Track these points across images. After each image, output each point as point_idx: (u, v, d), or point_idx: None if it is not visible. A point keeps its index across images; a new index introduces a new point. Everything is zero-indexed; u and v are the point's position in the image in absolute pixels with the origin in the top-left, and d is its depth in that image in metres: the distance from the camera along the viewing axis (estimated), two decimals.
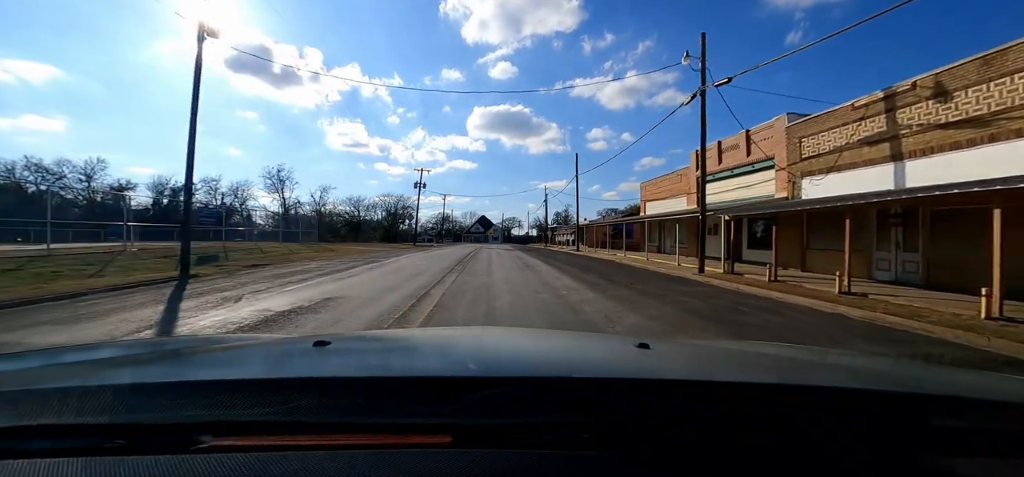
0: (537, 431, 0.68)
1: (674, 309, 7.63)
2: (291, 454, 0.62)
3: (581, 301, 8.35)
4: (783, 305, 8.35)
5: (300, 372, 0.97)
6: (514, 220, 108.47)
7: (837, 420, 0.75)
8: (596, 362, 1.23)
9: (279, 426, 0.68)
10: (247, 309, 7.00)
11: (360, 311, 6.97)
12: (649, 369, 1.12)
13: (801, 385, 0.95)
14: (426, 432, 0.68)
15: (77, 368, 1.07)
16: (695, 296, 9.39)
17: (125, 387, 0.79)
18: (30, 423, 0.67)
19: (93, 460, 0.60)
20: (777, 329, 6.17)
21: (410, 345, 1.40)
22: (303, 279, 11.47)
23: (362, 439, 0.66)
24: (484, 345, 1.45)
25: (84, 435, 0.67)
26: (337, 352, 1.16)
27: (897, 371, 1.26)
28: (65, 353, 1.44)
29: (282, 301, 7.80)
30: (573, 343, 1.58)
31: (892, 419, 0.74)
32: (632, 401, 0.79)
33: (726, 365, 1.28)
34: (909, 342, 5.66)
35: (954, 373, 1.30)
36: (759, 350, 1.53)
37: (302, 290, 9.30)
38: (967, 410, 0.80)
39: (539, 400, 0.77)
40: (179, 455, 0.62)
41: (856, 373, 1.21)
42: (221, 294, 8.61)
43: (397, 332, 3.63)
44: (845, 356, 1.60)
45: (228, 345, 1.36)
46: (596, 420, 0.72)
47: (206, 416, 0.69)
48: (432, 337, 1.64)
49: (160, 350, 1.35)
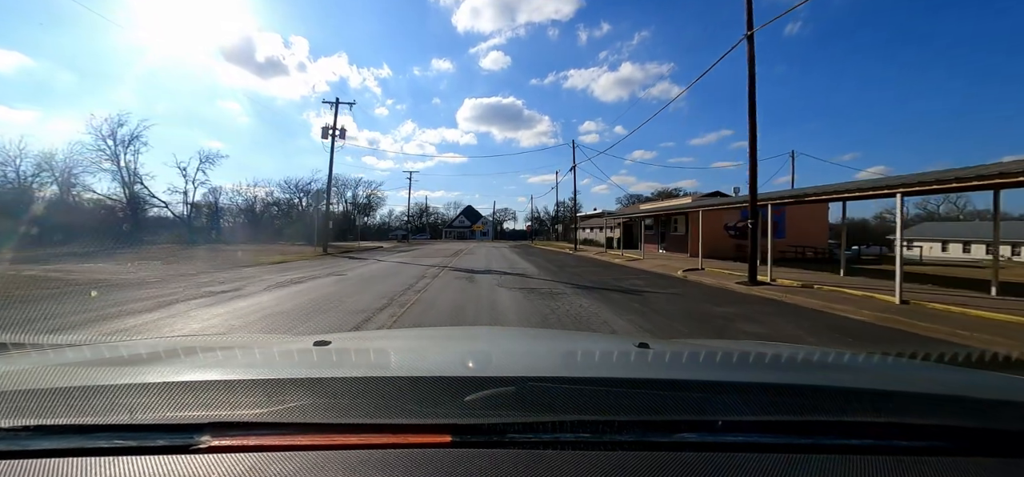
0: (537, 431, 0.68)
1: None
2: (291, 454, 0.62)
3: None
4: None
5: (300, 372, 0.96)
6: (507, 212, 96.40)
7: (837, 419, 0.75)
8: (596, 362, 1.24)
9: (279, 426, 0.68)
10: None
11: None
12: (648, 369, 1.14)
13: (801, 385, 0.94)
14: (426, 432, 0.68)
15: (77, 368, 1.05)
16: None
17: (125, 387, 0.79)
18: (31, 423, 0.67)
19: (93, 460, 0.60)
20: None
21: (410, 345, 1.52)
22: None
23: (362, 439, 0.66)
24: (484, 345, 1.53)
25: (84, 435, 0.66)
26: (337, 352, 1.22)
27: (896, 370, 1.31)
28: (66, 353, 1.43)
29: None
30: (573, 343, 1.70)
31: (891, 418, 0.75)
32: (632, 401, 0.80)
33: (726, 365, 1.24)
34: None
35: (953, 372, 1.32)
36: (759, 350, 1.45)
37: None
38: (966, 409, 0.80)
39: (539, 400, 0.76)
40: (179, 455, 0.62)
41: (855, 372, 1.22)
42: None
43: (397, 332, 3.82)
44: (845, 355, 1.39)
45: (228, 345, 1.40)
46: (596, 420, 0.71)
47: (206, 416, 0.69)
48: (432, 337, 1.80)
49: (160, 350, 1.29)
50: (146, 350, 1.29)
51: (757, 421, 0.74)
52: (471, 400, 0.74)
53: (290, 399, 0.73)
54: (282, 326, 5.85)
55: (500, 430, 0.68)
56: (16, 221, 20.79)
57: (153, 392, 0.77)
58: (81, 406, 0.71)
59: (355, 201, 71.78)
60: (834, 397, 0.84)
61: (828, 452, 0.67)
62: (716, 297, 9.27)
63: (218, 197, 46.37)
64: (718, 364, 1.24)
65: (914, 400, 0.85)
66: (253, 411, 0.70)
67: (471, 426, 0.69)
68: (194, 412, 0.70)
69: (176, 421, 0.69)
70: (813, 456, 0.65)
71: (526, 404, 0.75)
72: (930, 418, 0.76)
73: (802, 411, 0.77)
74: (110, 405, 0.72)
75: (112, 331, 5.31)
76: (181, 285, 9.70)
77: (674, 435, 0.70)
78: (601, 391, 0.82)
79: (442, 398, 0.77)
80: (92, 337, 5.03)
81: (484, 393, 0.75)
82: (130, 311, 6.59)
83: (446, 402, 0.75)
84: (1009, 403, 0.86)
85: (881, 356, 1.46)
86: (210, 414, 0.69)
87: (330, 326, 5.91)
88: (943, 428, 0.73)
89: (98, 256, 16.59)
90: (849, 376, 1.15)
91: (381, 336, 1.93)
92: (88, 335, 5.11)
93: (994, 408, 0.82)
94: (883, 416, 0.76)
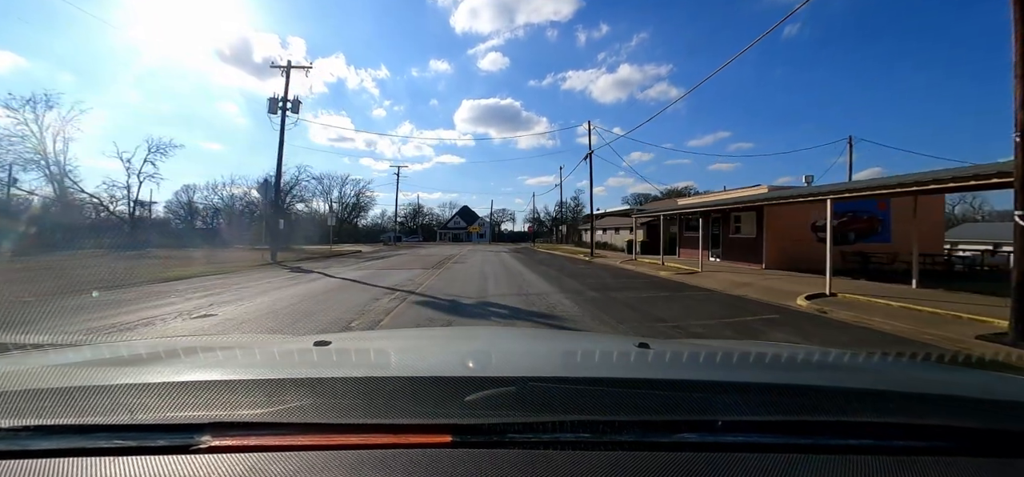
0: (538, 431, 0.67)
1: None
2: (292, 454, 0.61)
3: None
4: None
5: (301, 372, 0.94)
6: (505, 213, 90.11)
7: (837, 419, 0.74)
8: (596, 362, 1.21)
9: (280, 426, 0.68)
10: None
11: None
12: (648, 369, 1.13)
13: (801, 385, 0.94)
14: (427, 432, 0.67)
15: (78, 368, 1.04)
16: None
17: (125, 387, 0.78)
18: (31, 423, 0.66)
19: (94, 460, 0.60)
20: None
21: (410, 345, 1.52)
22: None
23: (363, 439, 0.65)
24: (484, 345, 1.48)
25: (85, 435, 0.66)
26: (338, 352, 1.21)
27: (896, 371, 1.27)
28: (66, 353, 1.44)
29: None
30: (573, 343, 1.69)
31: (891, 418, 0.74)
32: (632, 401, 0.79)
33: (726, 365, 1.22)
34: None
35: (954, 373, 1.30)
36: (759, 350, 1.44)
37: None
38: (966, 409, 0.80)
39: (540, 400, 0.76)
40: (180, 455, 0.62)
41: (855, 372, 1.20)
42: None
43: (397, 332, 3.73)
44: (845, 355, 1.39)
45: (228, 345, 1.37)
46: (597, 420, 0.70)
47: (206, 416, 0.68)
48: (432, 337, 1.80)
49: (160, 350, 1.28)
50: (146, 350, 1.26)
51: (757, 421, 0.73)
52: (471, 400, 0.73)
53: (290, 399, 0.73)
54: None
55: (500, 430, 0.67)
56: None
57: (153, 392, 0.77)
58: (82, 406, 0.71)
59: (342, 200, 66.11)
60: (834, 397, 0.85)
61: (828, 452, 0.66)
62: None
63: (192, 195, 39.90)
64: (718, 364, 1.22)
65: (914, 400, 0.86)
66: (253, 411, 0.70)
67: (471, 426, 0.68)
68: (194, 412, 0.70)
69: (176, 421, 0.69)
70: (813, 456, 0.65)
71: (526, 404, 0.74)
72: (930, 418, 0.75)
73: (802, 411, 0.77)
74: (111, 405, 0.72)
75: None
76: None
77: (674, 435, 0.69)
78: (601, 391, 0.82)
79: (442, 398, 0.76)
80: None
81: (484, 393, 0.74)
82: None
83: (446, 402, 0.75)
84: (1009, 403, 0.86)
85: (881, 356, 1.44)
86: (210, 414, 0.69)
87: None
88: (943, 428, 0.72)
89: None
90: (849, 376, 1.14)
91: (381, 336, 1.96)
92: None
93: (994, 408, 0.82)
94: (883, 416, 0.75)
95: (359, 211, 66.04)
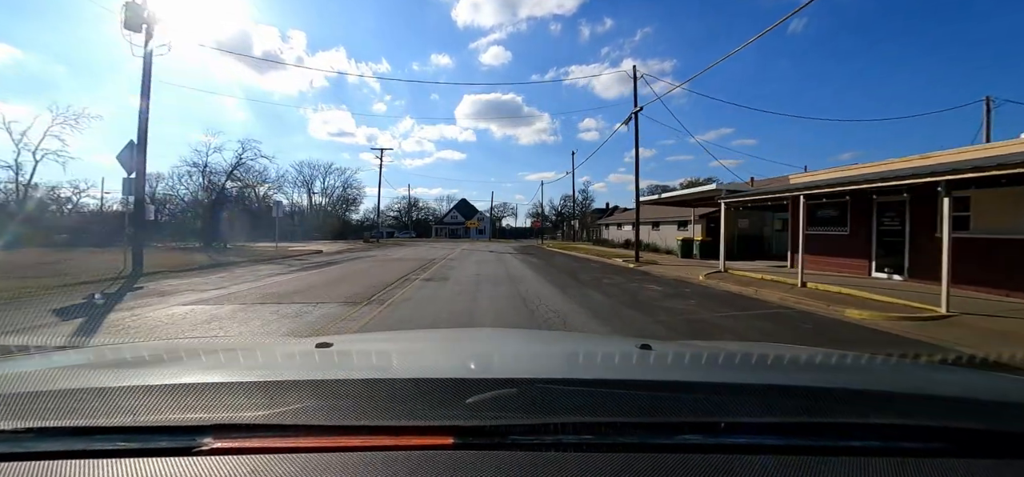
0: (540, 433, 0.67)
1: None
2: (294, 456, 0.61)
3: None
4: None
5: (302, 374, 0.95)
6: (506, 207, 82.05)
7: (840, 421, 0.74)
8: (598, 364, 1.21)
9: (282, 428, 0.67)
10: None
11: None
12: (651, 370, 1.13)
13: (804, 386, 0.93)
14: (429, 434, 0.67)
15: (80, 370, 1.04)
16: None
17: (128, 389, 0.78)
18: (34, 425, 0.66)
19: (95, 462, 0.60)
20: None
21: (412, 346, 1.51)
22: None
23: (365, 441, 0.65)
24: (486, 346, 1.49)
25: (87, 437, 0.66)
26: (339, 353, 1.20)
27: (899, 372, 1.27)
28: (69, 355, 1.43)
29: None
30: (575, 344, 1.69)
31: (894, 420, 0.74)
32: (635, 402, 0.79)
33: (727, 366, 1.21)
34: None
35: (955, 374, 1.31)
36: (761, 351, 1.44)
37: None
38: (968, 411, 0.79)
39: (542, 402, 0.75)
40: (182, 457, 0.61)
41: (858, 374, 1.19)
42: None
43: (399, 333, 3.63)
44: (847, 357, 1.39)
45: (230, 347, 1.39)
46: (599, 422, 0.70)
47: (208, 418, 0.68)
48: (434, 338, 1.78)
49: (162, 351, 1.29)
50: (148, 352, 1.25)
51: (760, 423, 0.73)
52: (473, 402, 0.73)
53: (292, 401, 0.73)
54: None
55: (503, 432, 0.67)
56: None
57: (156, 394, 0.77)
58: (83, 408, 0.70)
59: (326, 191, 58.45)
60: (837, 398, 0.84)
61: (831, 454, 0.66)
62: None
63: (156, 186, 31.41)
64: (721, 366, 1.21)
65: (917, 402, 0.85)
66: (255, 413, 0.70)
67: (473, 428, 0.68)
68: (196, 414, 0.70)
69: (178, 423, 0.68)
70: (816, 458, 0.64)
71: (529, 406, 0.74)
72: (933, 420, 0.75)
73: (805, 413, 0.77)
74: (113, 407, 0.71)
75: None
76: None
77: (677, 437, 0.69)
78: (604, 393, 0.82)
79: (444, 400, 0.76)
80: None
81: (486, 395, 0.74)
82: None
83: (448, 404, 0.74)
84: (1010, 404, 0.86)
85: (883, 357, 1.43)
86: (212, 416, 0.69)
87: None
88: (946, 430, 0.72)
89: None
90: (852, 378, 1.14)
91: (383, 338, 1.95)
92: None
93: (996, 409, 0.82)
94: (886, 418, 0.74)
95: (348, 204, 58.42)
